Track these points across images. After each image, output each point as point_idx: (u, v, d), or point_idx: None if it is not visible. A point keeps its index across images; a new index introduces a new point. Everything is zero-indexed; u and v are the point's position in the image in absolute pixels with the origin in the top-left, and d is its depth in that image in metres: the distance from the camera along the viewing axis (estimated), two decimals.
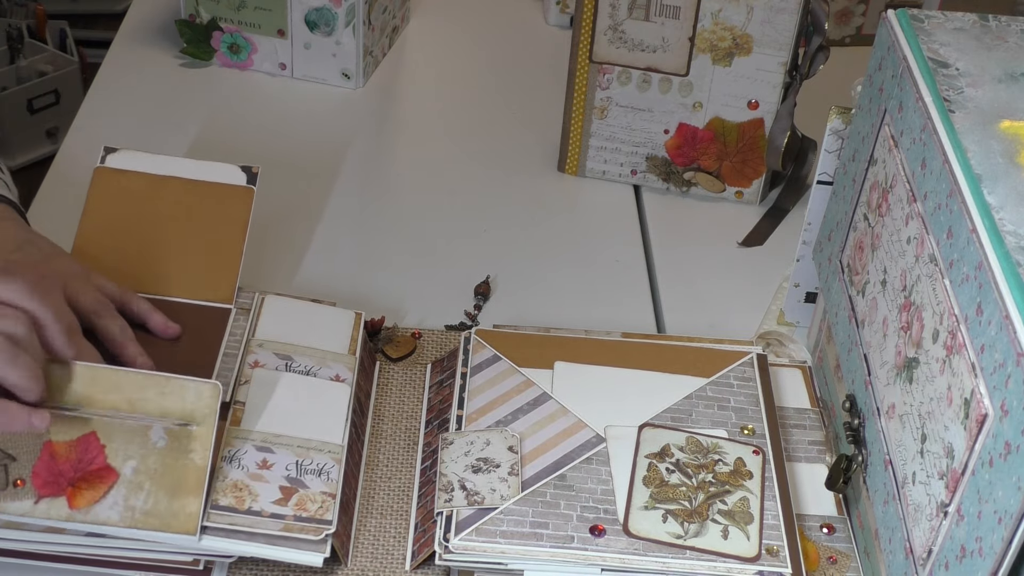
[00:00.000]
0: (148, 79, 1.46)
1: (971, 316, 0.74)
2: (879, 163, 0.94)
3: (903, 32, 0.93)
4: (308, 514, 0.89)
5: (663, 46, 1.26)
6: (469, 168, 1.37)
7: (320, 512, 0.90)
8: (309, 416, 0.96)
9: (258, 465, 0.92)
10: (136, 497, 0.86)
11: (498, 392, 1.01)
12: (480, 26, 1.63)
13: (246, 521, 0.88)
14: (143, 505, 0.86)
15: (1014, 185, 0.78)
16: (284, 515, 0.89)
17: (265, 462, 0.92)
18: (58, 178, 1.28)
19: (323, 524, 0.89)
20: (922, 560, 0.79)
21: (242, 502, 0.89)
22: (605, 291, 1.21)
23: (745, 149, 1.30)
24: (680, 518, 0.92)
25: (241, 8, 1.43)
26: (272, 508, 0.89)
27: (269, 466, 0.92)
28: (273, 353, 1.01)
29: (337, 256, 1.22)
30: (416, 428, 1.03)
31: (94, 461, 0.86)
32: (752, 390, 1.03)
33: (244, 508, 0.89)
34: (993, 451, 0.70)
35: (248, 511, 0.88)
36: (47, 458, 0.86)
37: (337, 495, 0.91)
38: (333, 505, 0.90)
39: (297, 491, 0.91)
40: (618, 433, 0.98)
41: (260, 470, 0.91)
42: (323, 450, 0.94)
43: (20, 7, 2.82)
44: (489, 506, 0.91)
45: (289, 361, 1.00)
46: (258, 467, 0.92)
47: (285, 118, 1.42)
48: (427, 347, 1.10)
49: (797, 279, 1.13)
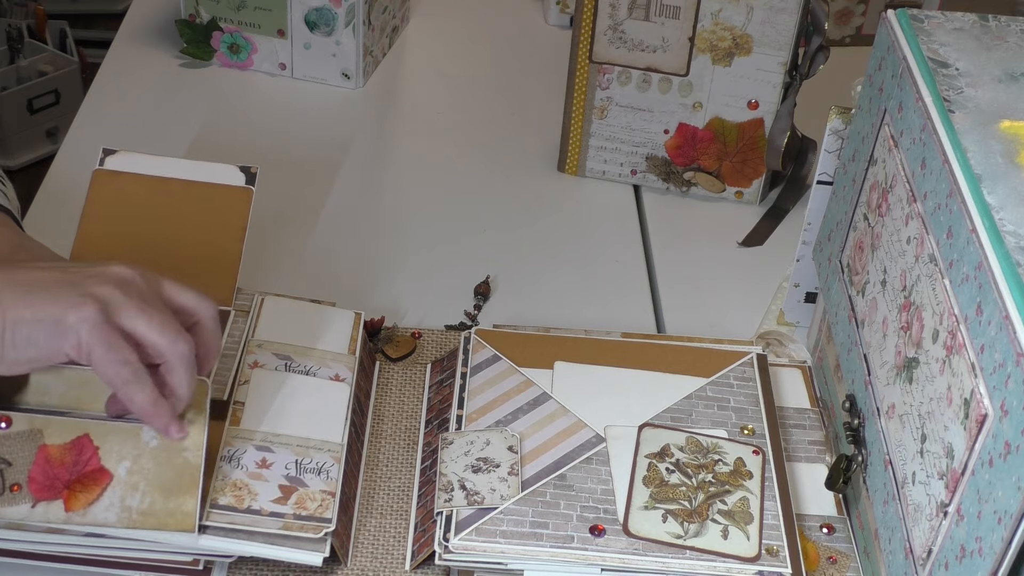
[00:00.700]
0: (148, 79, 1.46)
1: (971, 316, 0.74)
2: (879, 163, 0.94)
3: (903, 32, 0.92)
4: (308, 512, 0.89)
5: (663, 46, 1.26)
6: (469, 168, 1.37)
7: (320, 511, 0.90)
8: (308, 415, 0.96)
9: (257, 464, 0.92)
10: (132, 497, 0.86)
11: (498, 392, 1.01)
12: (480, 26, 1.63)
13: (245, 520, 0.88)
14: (139, 505, 0.86)
15: (1014, 185, 0.78)
16: (283, 513, 0.89)
17: (264, 461, 0.92)
18: (58, 178, 1.28)
19: (323, 522, 0.89)
20: (922, 560, 0.79)
21: (241, 501, 0.89)
22: (605, 291, 1.21)
23: (745, 149, 1.30)
24: (680, 518, 0.91)
25: (241, 8, 1.43)
26: (271, 507, 0.89)
27: (268, 465, 0.92)
28: (272, 353, 1.01)
29: (337, 256, 1.22)
30: (416, 428, 1.03)
31: (88, 463, 0.86)
32: (752, 390, 1.03)
33: (243, 507, 0.89)
34: (993, 451, 0.70)
35: (248, 510, 0.88)
36: (42, 462, 0.86)
37: (337, 493, 0.91)
38: (333, 503, 0.90)
39: (296, 490, 0.91)
40: (618, 433, 0.98)
41: (259, 469, 0.91)
42: (323, 449, 0.94)
43: (20, 7, 2.82)
44: (489, 506, 0.91)
45: (289, 361, 1.00)
46: (257, 466, 0.92)
47: (285, 118, 1.42)
48: (427, 347, 1.10)
49: (797, 279, 1.13)
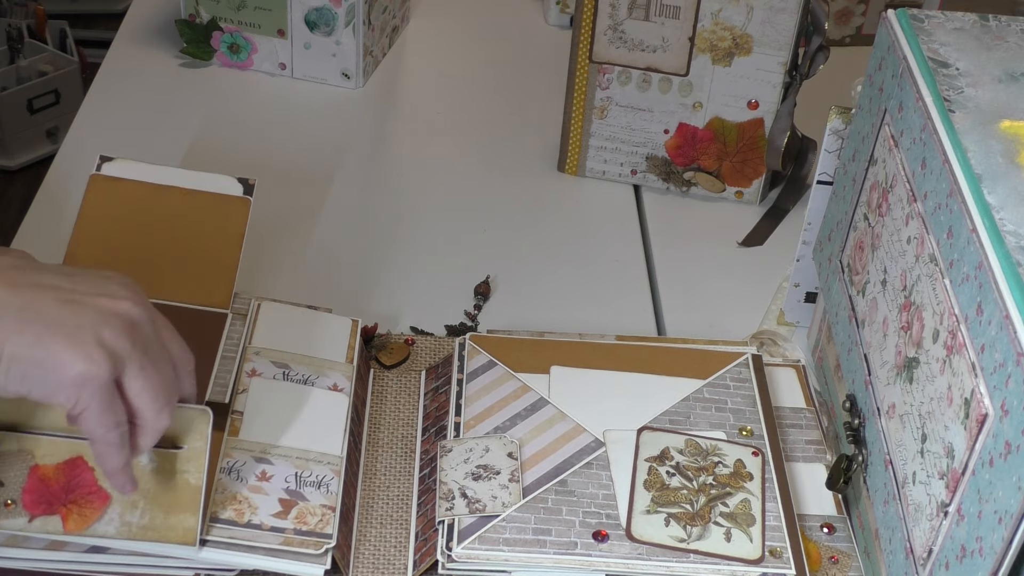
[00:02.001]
0: (148, 79, 1.46)
1: (971, 316, 0.74)
2: (879, 163, 0.94)
3: (903, 32, 0.92)
4: (308, 527, 0.89)
5: (663, 46, 1.26)
6: (469, 168, 1.37)
7: (320, 526, 0.89)
8: (307, 427, 0.96)
9: (257, 477, 0.91)
10: (131, 515, 0.85)
11: (495, 398, 1.01)
12: (480, 26, 1.63)
13: (246, 535, 0.87)
14: (139, 521, 0.85)
15: (1014, 185, 0.78)
16: (284, 528, 0.88)
17: (264, 474, 0.91)
18: (58, 178, 1.28)
19: (323, 538, 0.88)
20: (922, 560, 0.79)
21: (242, 515, 0.88)
22: (605, 291, 1.21)
23: (745, 149, 1.30)
24: (683, 521, 0.91)
25: (241, 8, 1.43)
26: (272, 521, 0.88)
27: (268, 478, 0.91)
28: (270, 362, 1.00)
29: (336, 255, 1.22)
30: (413, 436, 1.02)
31: (85, 483, 0.86)
32: (748, 391, 1.02)
33: (244, 521, 0.88)
34: (993, 451, 0.70)
35: (248, 524, 0.88)
36: (36, 481, 0.85)
37: (337, 508, 0.91)
38: (333, 518, 0.90)
39: (296, 504, 0.90)
40: (617, 437, 0.98)
41: (259, 482, 0.91)
42: (322, 461, 0.93)
43: (20, 7, 2.82)
44: (491, 513, 0.91)
45: (286, 370, 1.00)
46: (257, 479, 0.91)
47: (285, 118, 1.42)
48: (421, 353, 1.09)
49: (797, 279, 1.13)
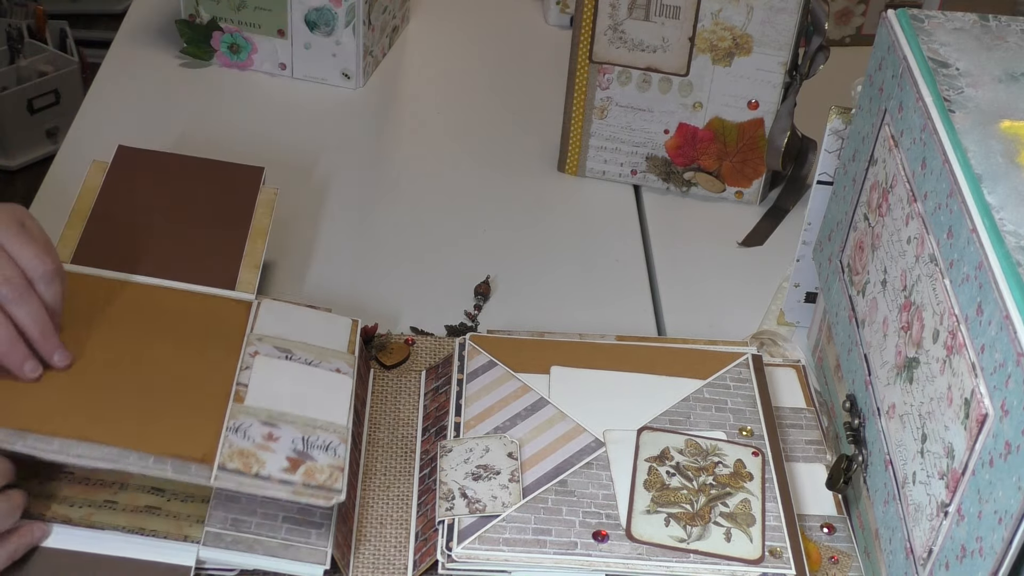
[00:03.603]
0: (148, 79, 1.46)
1: (971, 316, 0.74)
2: (879, 163, 0.94)
3: (903, 32, 0.92)
4: (317, 483, 0.87)
5: (663, 46, 1.26)
6: (469, 168, 1.37)
7: (329, 482, 0.87)
8: (313, 399, 0.94)
9: (264, 437, 0.89)
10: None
11: (495, 398, 1.01)
12: (480, 26, 1.63)
13: (254, 484, 0.86)
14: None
15: (1014, 185, 0.78)
16: (293, 481, 0.86)
17: (271, 435, 0.89)
18: (58, 178, 1.28)
19: (333, 492, 0.87)
20: (922, 560, 0.79)
21: (249, 467, 0.86)
22: (605, 291, 1.21)
23: (745, 149, 1.30)
24: (683, 521, 0.91)
25: (241, 8, 1.43)
26: (280, 475, 0.87)
27: (275, 439, 0.89)
28: (273, 346, 0.98)
29: (336, 255, 1.22)
30: (412, 436, 1.02)
31: None
32: (748, 391, 1.02)
33: (252, 472, 0.86)
34: (993, 451, 0.70)
35: (256, 475, 0.86)
36: None
37: (345, 469, 0.88)
38: (342, 477, 0.88)
39: (304, 462, 0.88)
40: (617, 437, 0.98)
41: (267, 441, 0.89)
42: (328, 429, 0.91)
43: (20, 7, 2.82)
44: (491, 513, 0.91)
45: (289, 354, 0.98)
46: (264, 439, 0.89)
47: (285, 118, 1.42)
48: (420, 354, 1.09)
49: (797, 279, 1.13)
